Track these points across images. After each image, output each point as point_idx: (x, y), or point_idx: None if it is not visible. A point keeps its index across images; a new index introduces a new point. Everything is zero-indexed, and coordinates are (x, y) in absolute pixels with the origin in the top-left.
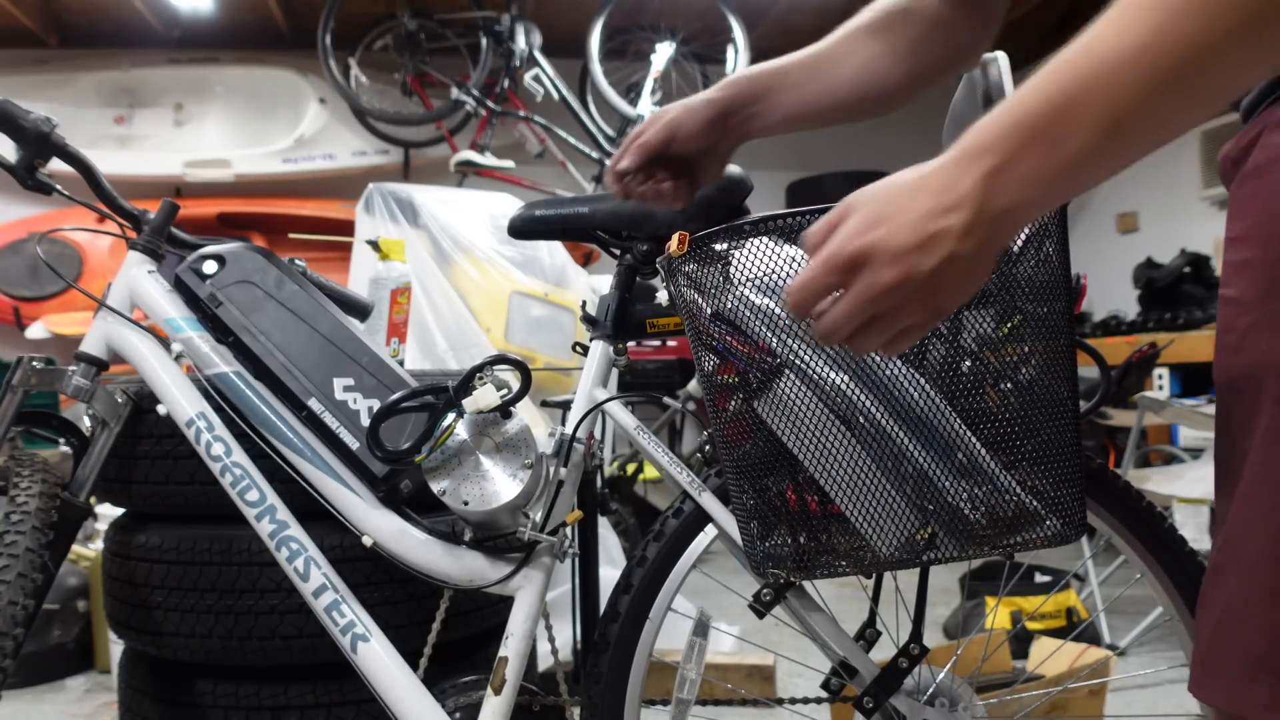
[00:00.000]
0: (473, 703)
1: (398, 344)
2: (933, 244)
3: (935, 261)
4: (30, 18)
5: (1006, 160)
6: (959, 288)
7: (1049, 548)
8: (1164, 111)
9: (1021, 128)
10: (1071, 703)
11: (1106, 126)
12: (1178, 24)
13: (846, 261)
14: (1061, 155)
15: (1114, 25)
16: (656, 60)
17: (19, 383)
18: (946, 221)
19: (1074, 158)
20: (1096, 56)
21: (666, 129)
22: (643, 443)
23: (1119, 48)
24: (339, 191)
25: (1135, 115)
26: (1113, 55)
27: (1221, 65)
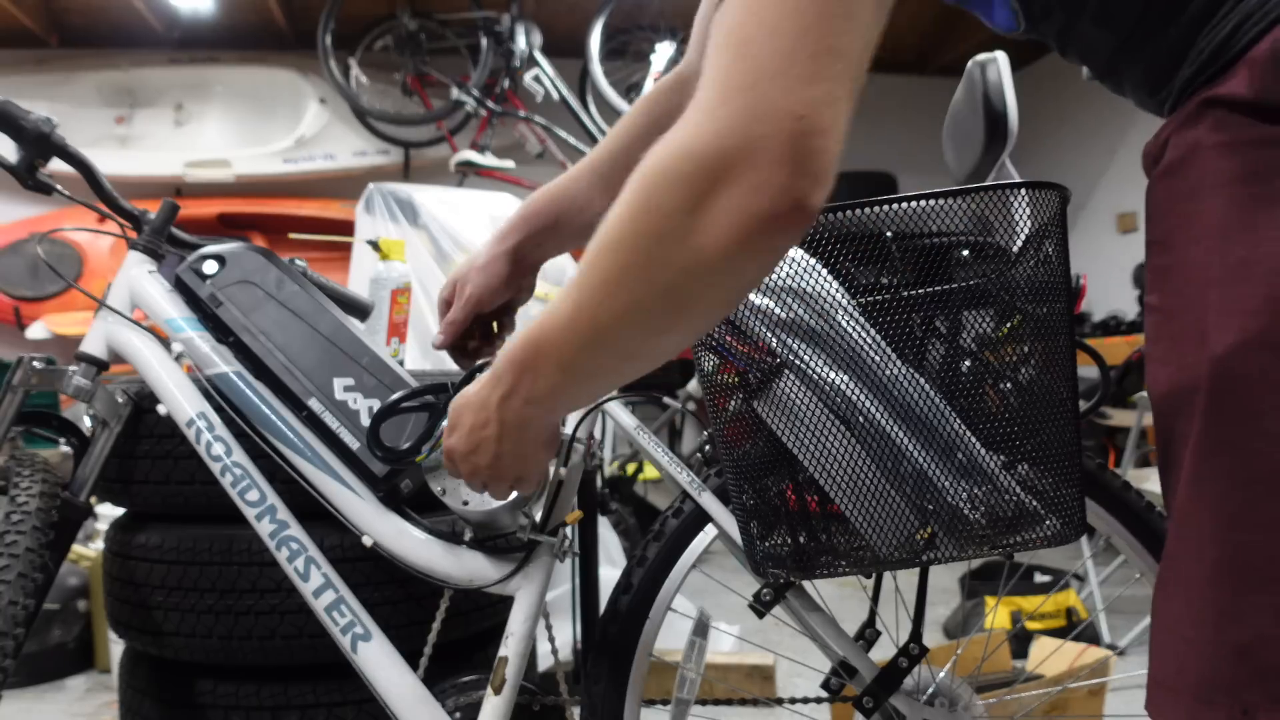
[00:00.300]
0: (473, 703)
1: (398, 344)
2: (480, 449)
3: (488, 459)
4: (30, 18)
5: (511, 387)
6: (517, 468)
7: (1049, 548)
8: (598, 363)
9: (516, 365)
10: (1071, 703)
11: (562, 368)
12: (586, 304)
13: (445, 454)
14: (540, 386)
15: (562, 294)
16: (656, 60)
17: (19, 383)
18: (484, 433)
19: (547, 388)
20: (550, 318)
21: (471, 303)
22: (643, 443)
23: (560, 315)
24: (339, 191)
25: (577, 363)
26: (556, 321)
27: (624, 337)
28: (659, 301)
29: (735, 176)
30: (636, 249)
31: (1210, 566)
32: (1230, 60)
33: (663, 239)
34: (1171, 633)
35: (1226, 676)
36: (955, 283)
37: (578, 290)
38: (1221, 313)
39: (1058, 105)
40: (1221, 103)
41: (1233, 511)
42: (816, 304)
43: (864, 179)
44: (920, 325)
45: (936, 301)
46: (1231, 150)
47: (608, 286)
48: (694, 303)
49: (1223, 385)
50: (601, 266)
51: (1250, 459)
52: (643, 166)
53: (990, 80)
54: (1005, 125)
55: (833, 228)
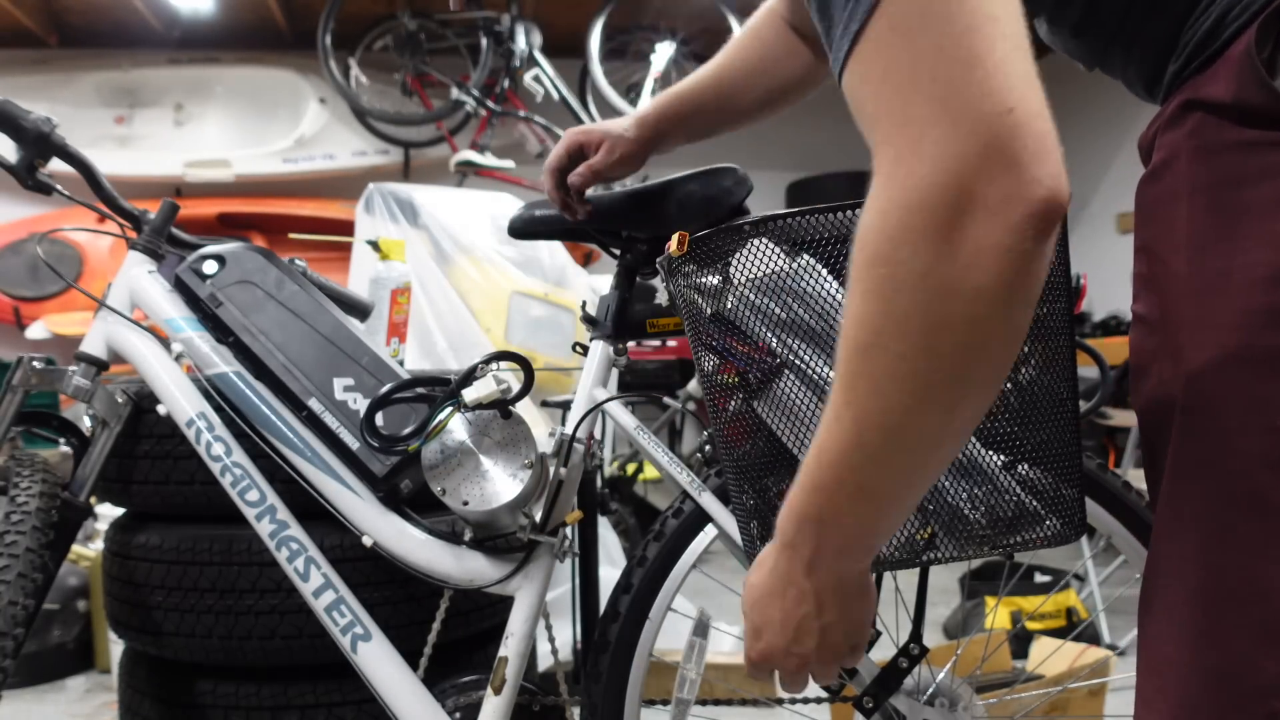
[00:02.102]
0: (473, 703)
1: (398, 344)
2: (802, 634)
3: (814, 641)
4: (30, 18)
5: (814, 550)
6: (849, 634)
7: (1049, 548)
8: (901, 474)
9: (809, 523)
10: (1071, 703)
11: (863, 499)
12: (868, 414)
13: (759, 664)
14: (848, 532)
15: (830, 417)
16: (656, 60)
17: (19, 383)
18: (801, 612)
19: (857, 530)
20: (829, 452)
21: (615, 163)
22: (643, 443)
23: (839, 441)
24: (339, 191)
25: (878, 484)
26: (838, 450)
27: (917, 431)
28: (950, 369)
29: (976, 200)
30: (904, 330)
31: (1190, 588)
32: (1214, 54)
33: (930, 305)
34: (1154, 651)
35: (1206, 700)
36: None
37: (850, 407)
38: (1197, 326)
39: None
40: (1200, 105)
41: (1211, 533)
42: (816, 304)
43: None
44: None
45: None
46: (1209, 155)
47: (887, 383)
48: (988, 350)
49: (1198, 403)
50: (868, 368)
51: (1227, 480)
52: (866, 249)
53: None
54: None
55: (833, 228)
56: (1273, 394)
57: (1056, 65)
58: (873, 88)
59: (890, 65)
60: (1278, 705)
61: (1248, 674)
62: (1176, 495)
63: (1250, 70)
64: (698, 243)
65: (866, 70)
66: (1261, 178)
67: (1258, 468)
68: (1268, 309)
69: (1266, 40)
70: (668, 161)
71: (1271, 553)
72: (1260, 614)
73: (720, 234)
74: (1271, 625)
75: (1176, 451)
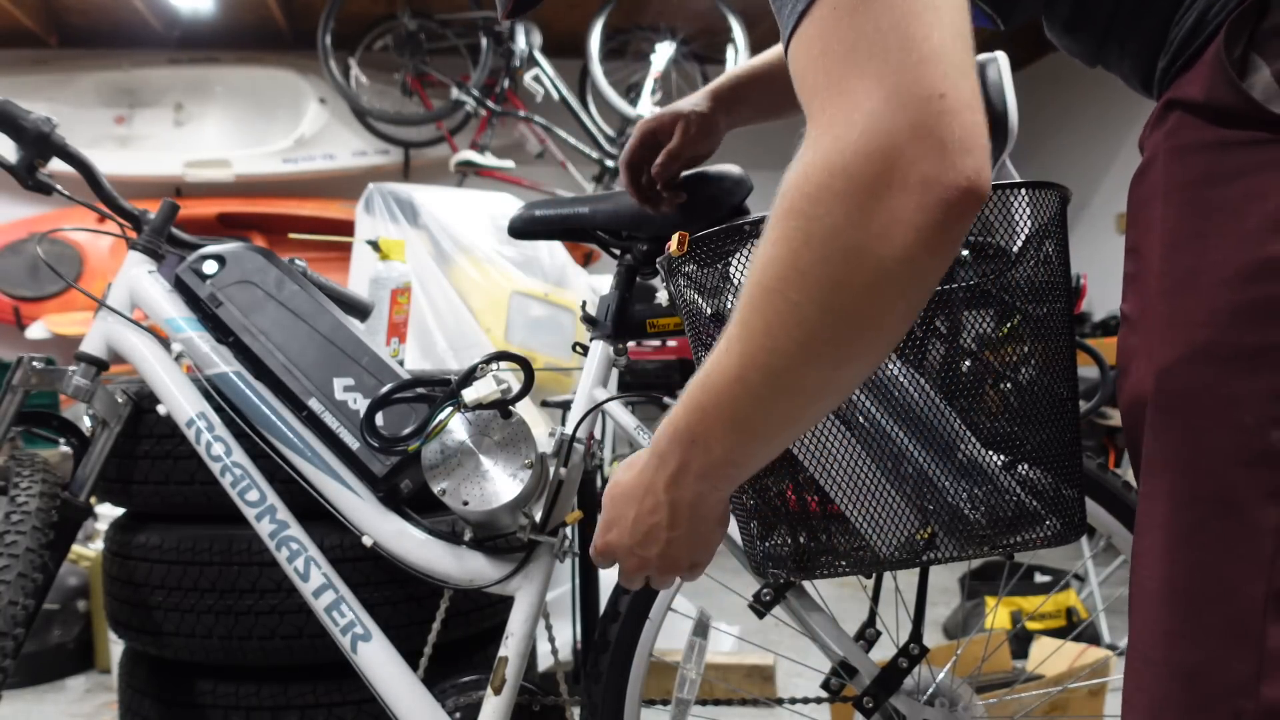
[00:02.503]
0: (473, 703)
1: (398, 344)
2: (649, 538)
3: (658, 548)
4: (30, 18)
5: (679, 465)
6: (692, 553)
7: (1049, 548)
8: (775, 415)
9: (681, 438)
10: (1071, 703)
11: (736, 432)
12: (756, 353)
13: (602, 552)
14: (713, 455)
15: (723, 346)
16: (656, 60)
17: (19, 383)
18: (654, 519)
19: (723, 456)
20: (714, 377)
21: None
22: (643, 443)
23: (724, 372)
24: (339, 191)
25: (753, 421)
26: (723, 377)
27: (805, 376)
28: (841, 329)
29: (899, 176)
30: (805, 282)
31: (1161, 586)
32: (1195, 53)
33: (833, 263)
34: (1133, 650)
35: (1175, 700)
36: (955, 283)
37: (740, 342)
38: (1168, 325)
39: (1058, 105)
40: (1179, 105)
41: (1181, 531)
42: None
43: None
44: (920, 325)
45: (936, 301)
46: (1183, 155)
47: (778, 328)
48: (881, 319)
49: (1168, 400)
50: (765, 309)
51: (1195, 477)
52: (785, 200)
53: (990, 80)
54: (1005, 125)
55: None
56: (1240, 391)
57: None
58: (814, 61)
59: (831, 41)
60: (1245, 705)
61: (1215, 673)
62: (1149, 494)
63: (1220, 71)
64: (698, 243)
65: (809, 45)
66: (1232, 177)
67: (1226, 465)
68: (1235, 306)
69: (1237, 40)
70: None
71: (1239, 550)
72: (1228, 612)
73: (720, 234)
74: (1237, 623)
75: (1148, 449)
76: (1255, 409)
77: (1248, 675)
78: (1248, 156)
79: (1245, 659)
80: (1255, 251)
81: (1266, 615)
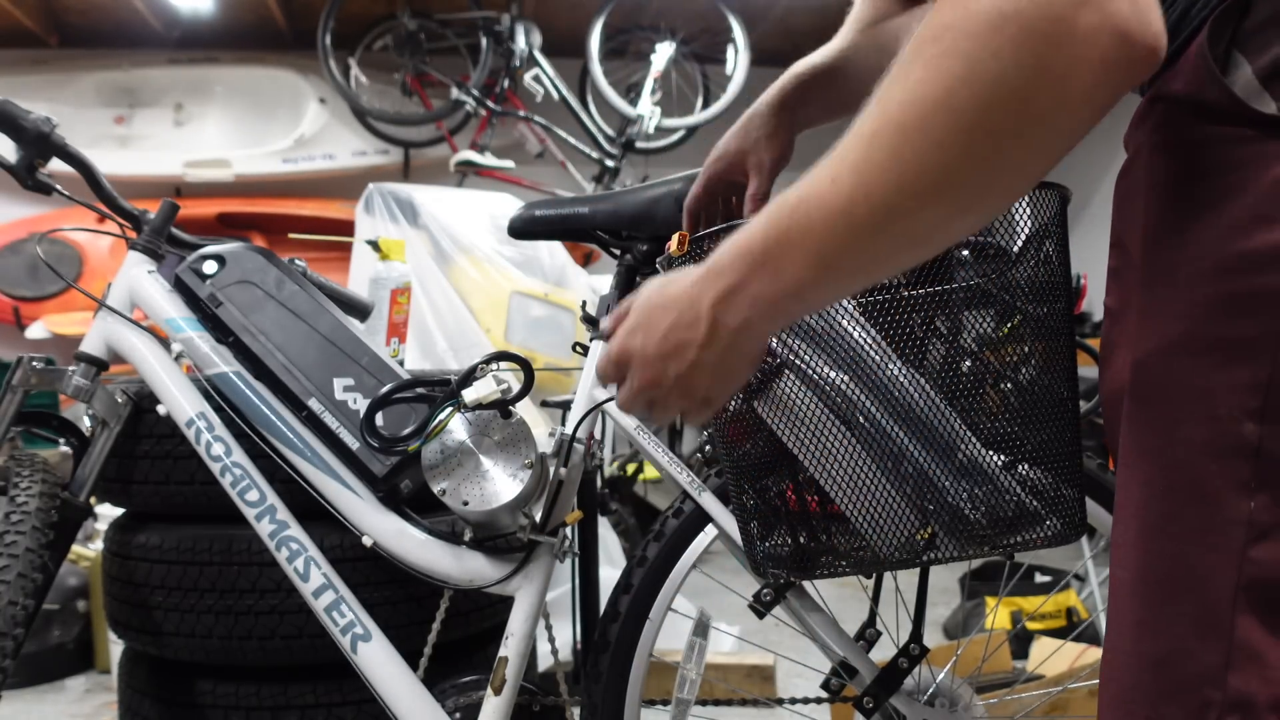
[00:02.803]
0: (473, 703)
1: (398, 344)
2: (677, 354)
3: (682, 368)
4: (30, 18)
5: (736, 283)
6: (713, 385)
7: (1049, 548)
8: (867, 255)
9: (748, 257)
10: (1071, 703)
11: (817, 264)
12: (873, 185)
13: (616, 358)
14: (782, 283)
15: (826, 176)
16: (656, 60)
17: (19, 383)
18: (689, 335)
19: (792, 286)
20: (809, 203)
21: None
22: (643, 443)
23: (827, 200)
24: (339, 191)
25: (842, 257)
26: (820, 206)
27: (914, 220)
28: (983, 174)
29: (1085, 29)
30: (956, 123)
31: (1131, 575)
32: (1178, 49)
33: (993, 108)
34: (1109, 642)
35: (1143, 688)
36: (955, 283)
37: (855, 174)
38: (1147, 315)
39: None
40: (1162, 100)
41: (1152, 520)
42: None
43: None
44: (920, 325)
45: (937, 301)
46: (1166, 150)
47: (912, 166)
48: (1025, 169)
49: (1144, 392)
50: (899, 146)
51: (1168, 468)
52: (939, 40)
53: None
54: None
55: None
56: (1215, 383)
57: None
58: None
59: None
60: (1212, 694)
61: (1183, 662)
62: (1124, 484)
63: (1204, 67)
64: (698, 243)
65: None
66: (1213, 172)
67: (1198, 456)
68: (1212, 299)
69: (1221, 36)
70: (668, 161)
71: (1209, 540)
72: (1196, 601)
73: (720, 234)
74: (1207, 613)
75: (1124, 439)
76: (1229, 401)
77: (1216, 665)
78: (1228, 152)
79: (1214, 649)
80: (1233, 245)
81: (1235, 606)
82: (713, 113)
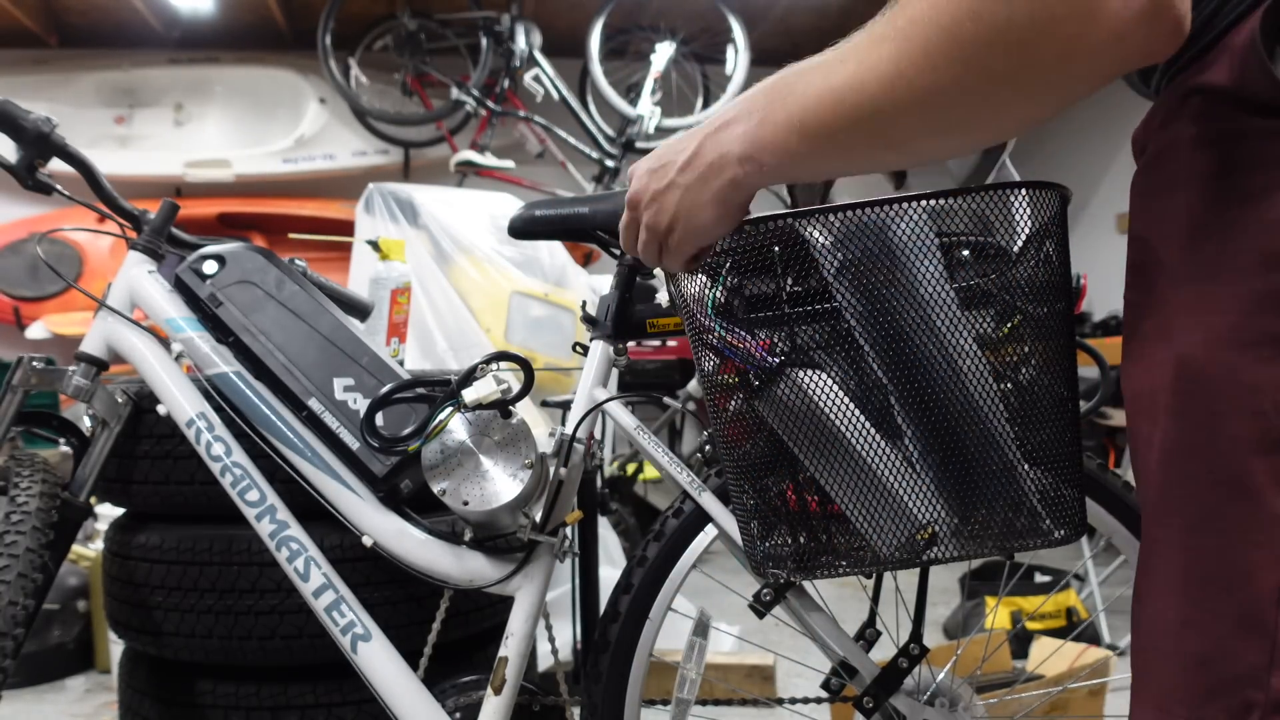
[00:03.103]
0: (473, 703)
1: (398, 344)
2: (659, 173)
3: (658, 185)
4: (30, 18)
5: (728, 120)
6: (680, 213)
7: (1049, 548)
8: (840, 138)
9: (747, 102)
10: (1071, 703)
11: (799, 127)
12: (867, 79)
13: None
14: (763, 131)
15: (835, 57)
16: (656, 60)
17: (19, 383)
18: (672, 156)
19: (770, 138)
20: (812, 73)
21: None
22: (643, 443)
23: (825, 74)
24: (339, 191)
25: (819, 130)
26: (818, 78)
27: (892, 123)
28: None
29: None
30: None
31: (1173, 573)
32: (1211, 42)
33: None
34: (1144, 641)
35: (1186, 688)
36: (955, 283)
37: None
38: (1190, 310)
39: None
40: (1201, 92)
41: (1197, 516)
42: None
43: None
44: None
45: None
46: (1209, 143)
47: (907, 71)
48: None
49: (1188, 385)
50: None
51: (1213, 464)
52: None
53: None
54: None
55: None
56: (1262, 379)
57: None
58: None
59: None
60: (1254, 695)
61: (1226, 661)
62: (1166, 480)
63: (1254, 58)
64: None
65: None
66: (1258, 165)
67: (1244, 452)
68: (1259, 294)
69: (1268, 30)
70: None
71: (1254, 538)
72: (1240, 600)
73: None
74: (1251, 612)
75: (1165, 434)
76: (1275, 396)
77: (1259, 665)
78: (1275, 145)
79: (1256, 649)
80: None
81: (1279, 605)
82: (713, 113)
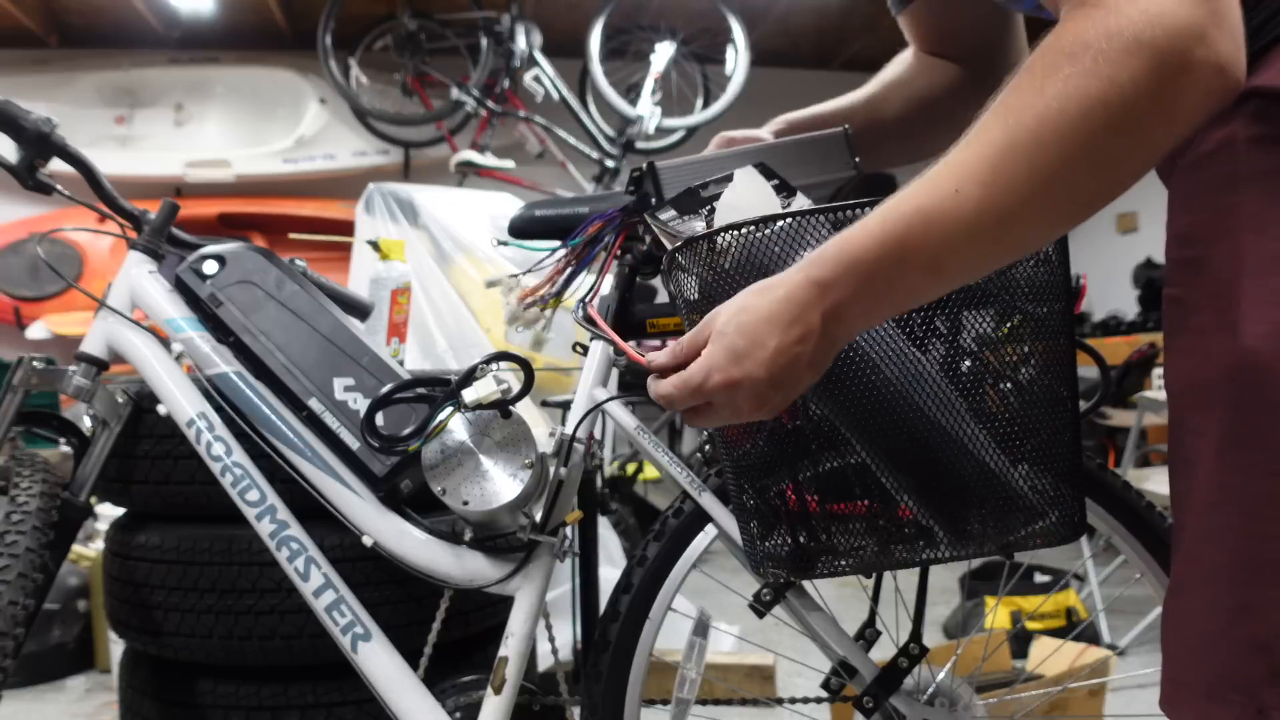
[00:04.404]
0: (473, 702)
1: (398, 344)
2: (789, 373)
3: (794, 387)
4: (30, 18)
5: (846, 297)
6: (791, 396)
7: (1048, 547)
8: (978, 261)
9: (858, 270)
10: (1071, 703)
11: (931, 271)
12: (1002, 198)
13: (712, 392)
14: (892, 293)
15: (948, 187)
16: (656, 60)
17: (19, 383)
18: (800, 349)
19: (902, 295)
20: (929, 214)
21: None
22: (643, 443)
23: (949, 210)
24: (339, 191)
25: (955, 262)
26: (943, 216)
27: (1031, 230)
28: (1094, 188)
29: (1200, 59)
30: (1092, 143)
31: (1232, 560)
32: (1265, 46)
33: (1126, 130)
34: (1187, 629)
35: (1243, 674)
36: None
37: (984, 184)
38: (1254, 303)
39: None
40: (1259, 94)
41: (1256, 504)
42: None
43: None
44: (920, 324)
45: (936, 301)
46: (1272, 142)
47: (1044, 175)
48: (1119, 185)
49: (1251, 376)
50: (1036, 154)
51: (1274, 452)
52: (1077, 59)
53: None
54: None
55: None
56: None
57: None
58: None
59: None
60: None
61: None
62: (1222, 469)
63: None
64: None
65: None
66: None
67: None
68: None
69: None
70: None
71: None
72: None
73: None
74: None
75: (1224, 425)
76: None
77: None
78: None
79: None
80: None
81: None
82: (713, 113)
